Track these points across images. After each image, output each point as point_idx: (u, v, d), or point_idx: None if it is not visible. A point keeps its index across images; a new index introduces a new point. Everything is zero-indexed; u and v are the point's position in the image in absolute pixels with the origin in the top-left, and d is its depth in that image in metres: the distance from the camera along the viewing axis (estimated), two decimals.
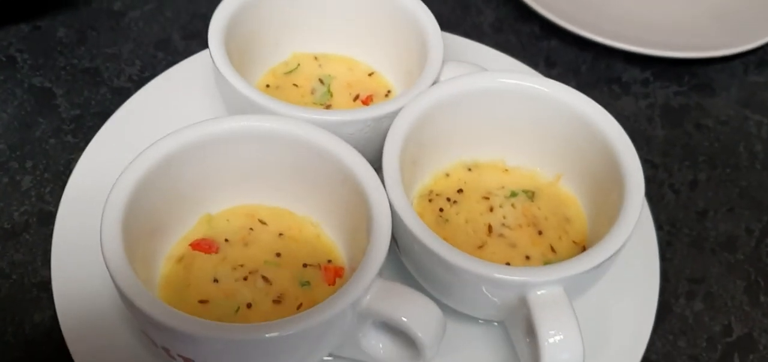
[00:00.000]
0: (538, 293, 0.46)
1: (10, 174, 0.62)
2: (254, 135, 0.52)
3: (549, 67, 0.75)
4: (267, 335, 0.42)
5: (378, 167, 0.51)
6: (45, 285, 0.55)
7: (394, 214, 0.48)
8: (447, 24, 0.76)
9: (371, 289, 0.45)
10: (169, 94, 0.65)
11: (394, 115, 0.54)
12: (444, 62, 0.58)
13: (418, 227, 0.48)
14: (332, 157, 0.51)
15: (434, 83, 0.57)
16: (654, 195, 0.64)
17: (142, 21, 0.75)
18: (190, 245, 0.53)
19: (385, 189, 0.49)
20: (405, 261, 0.52)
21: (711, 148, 0.69)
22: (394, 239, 0.49)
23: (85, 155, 0.60)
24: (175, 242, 0.54)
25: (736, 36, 0.77)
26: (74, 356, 0.50)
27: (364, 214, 0.49)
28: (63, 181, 0.60)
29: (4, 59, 0.70)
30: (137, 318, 0.45)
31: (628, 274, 0.55)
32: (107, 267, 0.45)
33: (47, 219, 0.59)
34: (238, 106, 0.55)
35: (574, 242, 0.54)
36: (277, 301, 0.50)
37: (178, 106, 0.64)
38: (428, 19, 0.61)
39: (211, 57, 0.56)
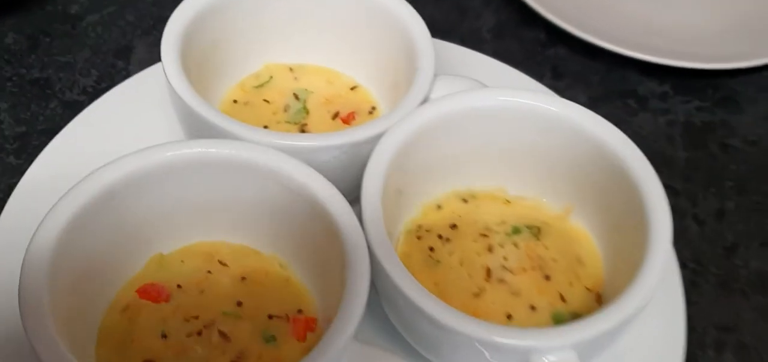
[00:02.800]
0: (547, 359, 0.38)
1: None
2: (212, 164, 0.45)
3: (556, 79, 0.67)
4: None
5: (357, 199, 0.44)
6: None
7: (373, 259, 0.41)
8: (441, 30, 0.69)
9: (343, 357, 0.38)
10: (126, 108, 0.58)
11: (376, 139, 0.46)
12: (436, 76, 0.51)
13: (401, 276, 0.40)
14: (301, 188, 0.43)
15: (424, 101, 0.49)
16: (676, 227, 0.56)
17: (100, 26, 0.67)
18: (137, 291, 0.45)
19: (363, 228, 0.42)
20: (388, 312, 0.44)
21: (739, 172, 0.61)
22: (374, 284, 0.41)
23: (24, 180, 0.53)
24: (120, 287, 0.46)
25: (764, 45, 0.69)
26: None
27: (338, 258, 0.41)
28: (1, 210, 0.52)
29: None
30: None
31: (648, 322, 0.47)
32: (24, 326, 0.37)
33: None
34: (195, 128, 0.48)
35: (587, 288, 0.47)
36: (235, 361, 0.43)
37: (136, 123, 0.56)
38: (417, 26, 0.53)
39: (164, 70, 0.48)
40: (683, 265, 0.54)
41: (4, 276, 0.46)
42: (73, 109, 0.60)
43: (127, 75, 0.62)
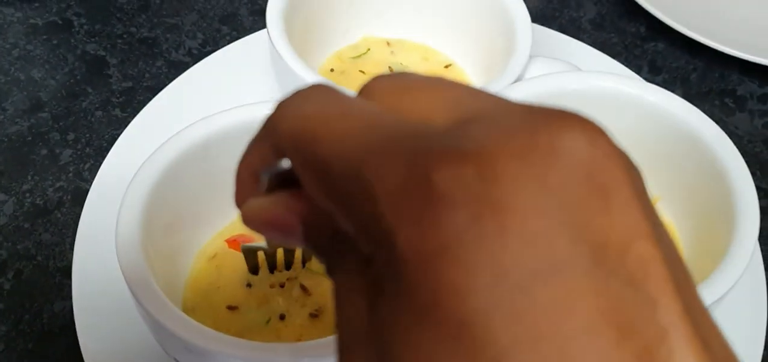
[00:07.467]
0: None
1: (49, 146, 0.57)
2: None
3: (653, 73, 0.66)
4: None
5: None
6: (70, 271, 0.50)
7: None
8: (541, 17, 0.69)
9: None
10: (227, 71, 0.60)
11: None
12: (531, 58, 0.51)
13: None
14: None
15: (517, 80, 0.49)
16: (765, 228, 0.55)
17: None
18: (226, 241, 0.47)
19: None
20: None
21: None
22: None
23: (127, 131, 0.55)
24: (210, 237, 0.48)
25: None
26: (85, 355, 0.44)
27: None
28: (105, 158, 0.55)
29: (60, 22, 0.66)
30: (145, 320, 0.39)
31: (725, 326, 0.46)
32: (118, 261, 0.39)
33: (82, 198, 0.53)
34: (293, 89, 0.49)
35: None
36: (314, 315, 0.44)
37: (236, 84, 0.58)
38: (517, 7, 0.53)
39: (268, 33, 0.50)
40: None
41: (104, 221, 0.49)
42: (178, 68, 0.62)
43: (231, 40, 0.64)
